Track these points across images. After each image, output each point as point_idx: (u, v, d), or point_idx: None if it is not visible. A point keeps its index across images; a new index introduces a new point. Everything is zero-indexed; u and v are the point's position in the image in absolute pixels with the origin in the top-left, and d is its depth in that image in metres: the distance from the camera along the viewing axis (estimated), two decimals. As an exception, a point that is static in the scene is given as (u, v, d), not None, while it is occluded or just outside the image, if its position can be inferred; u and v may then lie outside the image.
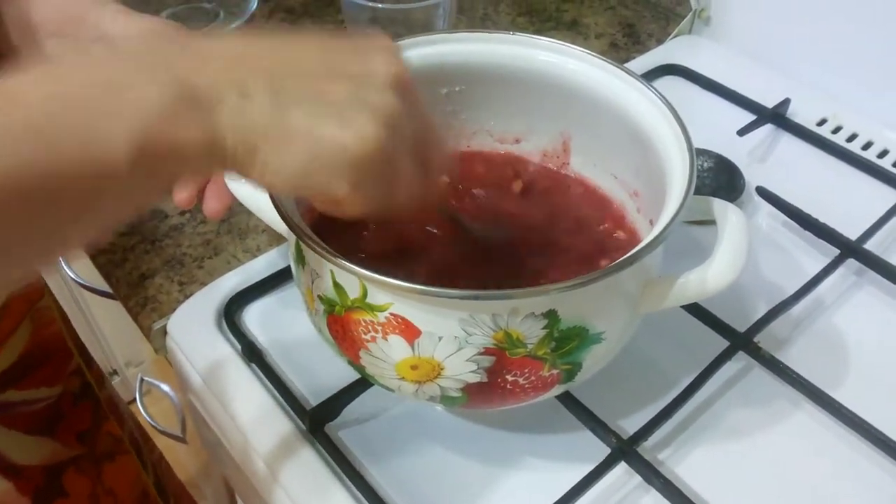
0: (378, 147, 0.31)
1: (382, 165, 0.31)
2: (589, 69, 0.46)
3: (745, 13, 0.76)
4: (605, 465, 0.44)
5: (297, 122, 0.30)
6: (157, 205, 0.63)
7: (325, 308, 0.40)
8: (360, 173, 0.31)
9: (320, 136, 0.30)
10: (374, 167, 0.31)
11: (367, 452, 0.46)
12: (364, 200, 0.32)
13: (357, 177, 0.31)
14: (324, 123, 0.30)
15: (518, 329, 0.37)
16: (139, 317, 0.56)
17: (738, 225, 0.40)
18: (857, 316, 0.54)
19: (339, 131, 0.30)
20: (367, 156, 0.30)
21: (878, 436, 0.46)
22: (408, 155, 0.33)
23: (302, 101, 0.30)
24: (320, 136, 0.30)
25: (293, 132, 0.30)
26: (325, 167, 0.30)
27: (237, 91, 0.29)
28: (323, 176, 0.31)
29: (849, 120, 0.68)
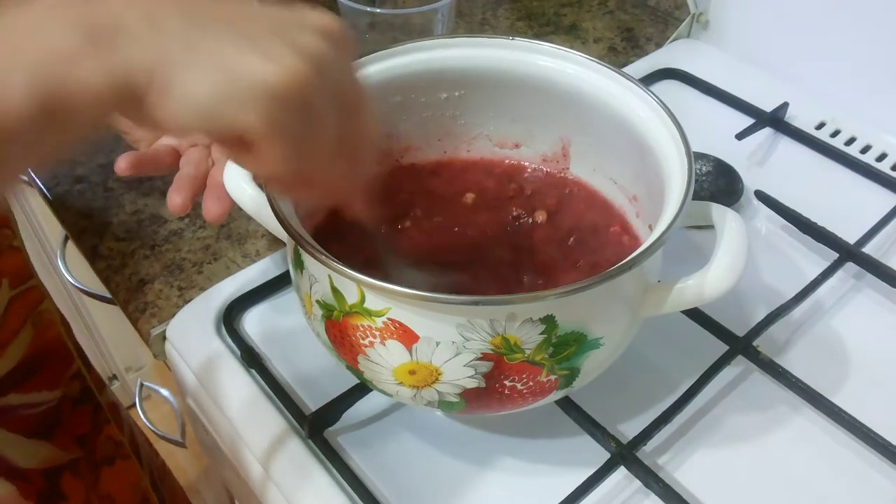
0: (300, 82, 0.28)
1: (303, 106, 0.28)
2: (588, 74, 0.47)
3: (743, 17, 0.76)
4: (604, 469, 0.44)
5: (214, 51, 0.27)
6: (157, 210, 0.63)
7: (324, 313, 0.40)
8: (278, 110, 0.28)
9: (235, 62, 0.27)
10: (294, 105, 0.28)
11: (366, 457, 0.46)
12: (279, 146, 0.29)
13: (274, 113, 0.28)
14: (241, 51, 0.27)
15: (516, 334, 0.37)
16: (138, 322, 0.56)
17: (736, 231, 0.40)
18: (856, 319, 0.54)
19: (256, 60, 0.27)
20: (286, 89, 0.27)
21: (877, 439, 0.46)
22: (331, 108, 0.30)
23: (221, 34, 0.28)
24: (235, 63, 0.27)
25: (204, 58, 0.27)
26: (238, 98, 0.27)
27: (148, 23, 0.27)
28: (235, 108, 0.27)
29: (847, 123, 0.68)
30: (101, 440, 0.57)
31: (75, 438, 0.55)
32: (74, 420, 0.55)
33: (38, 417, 0.52)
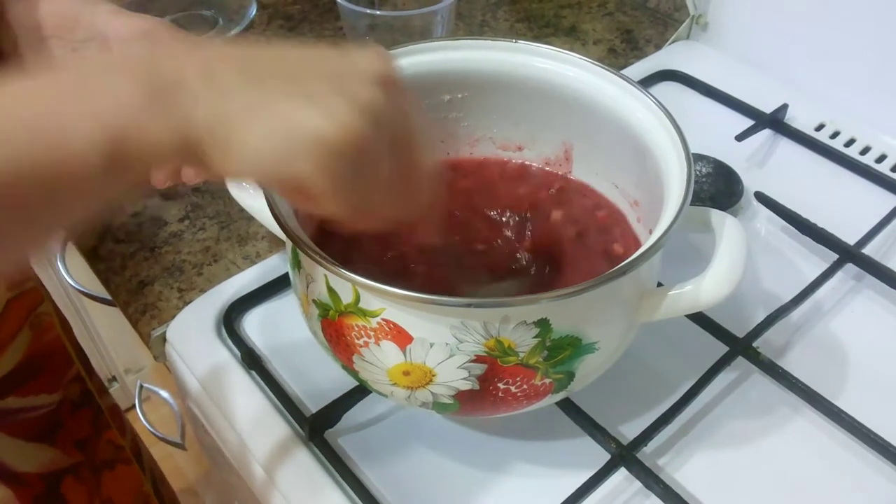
0: (356, 136, 0.29)
1: (359, 157, 0.30)
2: (588, 77, 0.47)
3: (742, 19, 0.76)
4: (604, 470, 0.44)
5: (270, 106, 0.28)
6: (157, 212, 0.63)
7: (320, 312, 0.40)
8: (335, 162, 0.29)
9: (294, 119, 0.28)
10: (351, 157, 0.29)
11: (366, 459, 0.46)
12: (338, 194, 0.30)
13: (331, 166, 0.29)
14: (299, 107, 0.29)
15: (509, 337, 0.37)
16: (139, 324, 0.56)
17: (735, 237, 0.40)
18: (856, 320, 0.54)
19: (314, 116, 0.28)
20: (344, 143, 0.29)
21: (877, 440, 0.46)
22: (388, 153, 0.31)
23: (278, 91, 0.29)
24: (294, 120, 0.28)
25: (265, 115, 0.28)
26: (297, 153, 0.28)
27: (209, 82, 0.28)
28: (294, 162, 0.29)
29: (846, 125, 0.68)
30: (101, 444, 0.57)
31: (76, 442, 0.55)
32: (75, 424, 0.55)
33: (38, 421, 0.51)
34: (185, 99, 0.28)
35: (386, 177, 0.32)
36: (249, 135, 0.28)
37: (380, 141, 0.30)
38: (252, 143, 0.28)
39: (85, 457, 0.55)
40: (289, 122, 0.28)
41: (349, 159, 0.29)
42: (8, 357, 0.48)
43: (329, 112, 0.29)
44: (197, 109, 0.28)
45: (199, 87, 0.28)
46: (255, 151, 0.28)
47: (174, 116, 0.28)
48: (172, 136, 0.28)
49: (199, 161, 0.29)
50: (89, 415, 0.56)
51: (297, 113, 0.29)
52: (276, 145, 0.28)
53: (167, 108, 0.27)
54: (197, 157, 0.29)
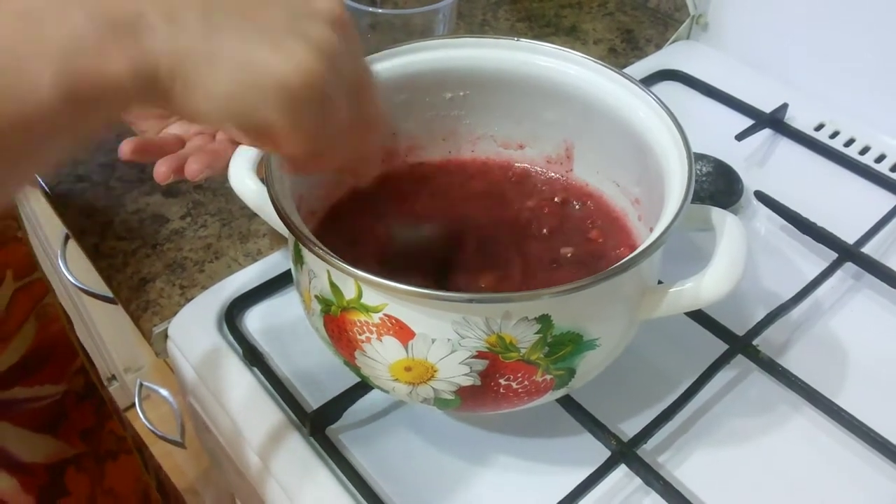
0: (314, 76, 0.29)
1: (318, 97, 0.30)
2: (590, 75, 0.47)
3: (742, 19, 0.76)
4: (605, 467, 0.44)
5: (229, 45, 0.29)
6: (159, 209, 0.63)
7: (322, 308, 0.40)
8: (294, 102, 0.29)
9: (253, 60, 0.29)
10: (309, 97, 0.30)
11: (368, 455, 0.47)
12: (297, 134, 0.31)
13: (290, 106, 0.30)
14: (258, 48, 0.29)
15: (511, 333, 0.37)
16: (140, 320, 0.56)
17: (736, 236, 0.40)
18: (855, 319, 0.54)
19: (273, 57, 0.29)
20: (302, 84, 0.29)
21: (876, 438, 0.46)
22: (344, 94, 0.32)
23: (235, 27, 0.29)
24: (253, 61, 0.29)
25: (225, 55, 0.28)
26: (256, 93, 0.29)
27: (165, 16, 0.28)
28: (254, 102, 0.29)
29: (846, 125, 0.69)
30: (104, 435, 0.57)
31: (80, 433, 0.55)
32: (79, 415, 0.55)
33: (43, 411, 0.52)
34: (144, 34, 0.27)
35: (343, 118, 0.32)
36: (211, 77, 0.28)
37: (336, 82, 0.31)
38: (213, 86, 0.29)
39: (89, 447, 0.55)
40: (250, 64, 0.29)
41: (309, 101, 0.30)
42: (14, 347, 0.49)
43: (289, 54, 0.29)
44: (156, 46, 0.28)
45: (158, 22, 0.28)
46: (216, 94, 0.29)
47: (133, 51, 0.27)
48: (131, 73, 0.27)
49: (160, 100, 0.29)
50: (93, 406, 0.57)
51: (258, 55, 0.29)
52: (238, 89, 0.29)
53: (125, 44, 0.27)
54: (157, 95, 0.28)
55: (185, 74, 0.28)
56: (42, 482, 0.51)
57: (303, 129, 0.31)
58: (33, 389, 0.50)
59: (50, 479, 0.52)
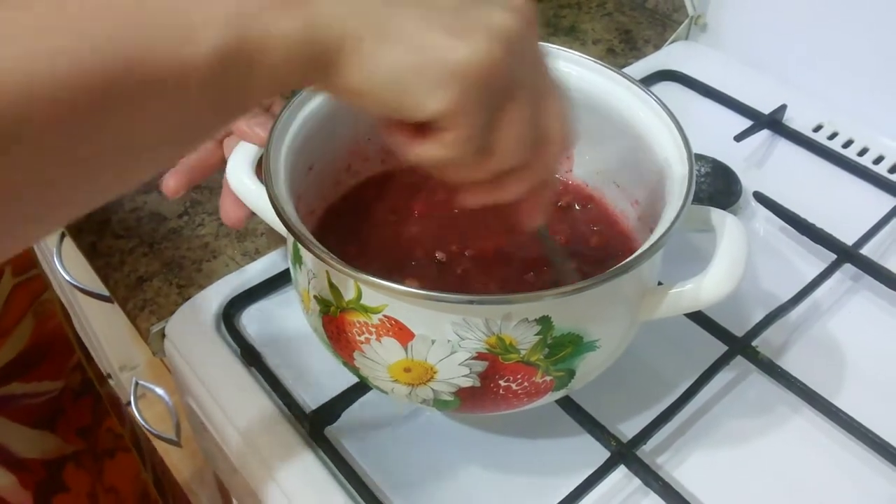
0: (491, 64, 0.26)
1: (496, 91, 0.27)
2: (590, 75, 0.47)
3: (741, 19, 0.76)
4: (604, 468, 0.44)
5: (405, 22, 0.26)
6: (156, 208, 0.63)
7: (321, 309, 0.40)
8: (471, 93, 0.27)
9: (430, 42, 0.26)
10: (487, 89, 0.27)
11: (366, 456, 0.46)
12: (465, 131, 0.28)
13: (460, 93, 0.26)
14: (436, 30, 0.26)
15: (511, 334, 0.37)
16: (137, 319, 0.56)
17: (736, 237, 0.40)
18: (854, 320, 0.54)
19: (452, 42, 0.26)
20: (478, 71, 0.26)
21: (874, 439, 0.46)
22: (524, 93, 0.28)
23: (412, 7, 0.27)
24: (430, 43, 0.26)
25: (399, 33, 0.26)
26: (432, 78, 0.26)
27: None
28: (428, 88, 0.26)
29: (844, 126, 0.69)
30: (102, 432, 0.57)
31: (77, 430, 0.54)
32: (76, 412, 0.55)
33: (41, 407, 0.51)
34: (316, 2, 0.26)
35: (518, 119, 0.29)
36: (380, 53, 0.26)
37: (517, 75, 0.28)
38: (384, 60, 0.26)
39: (86, 444, 0.55)
40: (428, 46, 0.26)
41: (486, 91, 0.27)
42: (12, 343, 0.48)
43: (466, 38, 0.27)
44: (329, 10, 0.26)
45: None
46: (386, 68, 0.26)
47: (304, 18, 0.25)
48: (300, 39, 0.25)
49: (320, 72, 0.27)
50: (90, 403, 0.56)
51: (438, 38, 0.26)
52: (410, 66, 0.26)
53: (296, 9, 0.25)
54: (321, 66, 0.26)
55: (354, 47, 0.26)
56: (39, 478, 0.51)
57: (472, 122, 0.28)
58: (31, 385, 0.50)
59: (48, 476, 0.51)
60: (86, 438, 0.55)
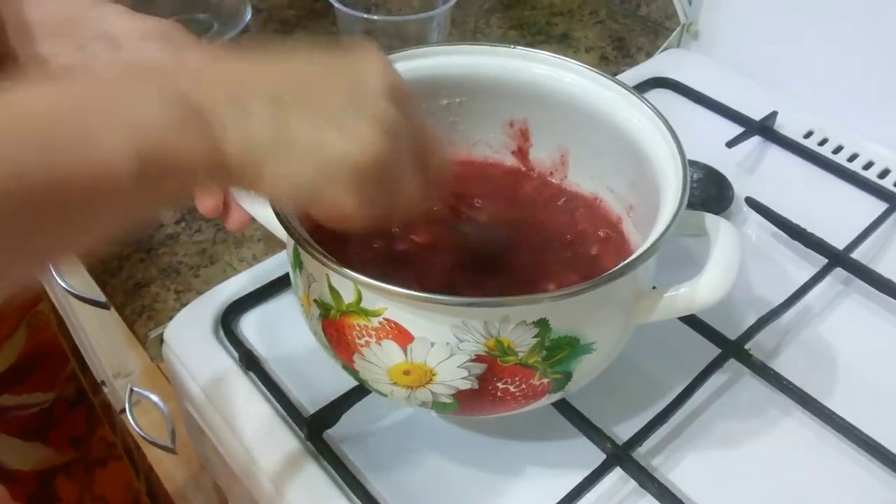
0: (380, 156, 0.31)
1: (385, 174, 0.32)
2: (584, 82, 0.47)
3: (732, 28, 0.77)
4: (600, 470, 0.45)
5: (299, 134, 0.30)
6: (153, 214, 0.63)
7: (321, 312, 0.41)
8: (365, 183, 0.31)
9: (321, 144, 0.30)
10: (378, 176, 0.31)
11: (365, 459, 0.47)
12: (369, 211, 0.33)
13: (362, 187, 0.31)
14: (324, 132, 0.30)
15: (509, 337, 0.37)
16: (135, 325, 0.56)
17: (729, 241, 0.40)
18: (845, 323, 0.55)
19: (340, 140, 0.30)
20: (371, 165, 0.31)
21: (866, 441, 0.46)
22: (408, 162, 0.34)
23: (301, 115, 0.30)
24: (321, 145, 0.30)
25: (297, 145, 0.30)
26: (326, 176, 0.31)
27: (237, 108, 0.29)
28: (324, 184, 0.31)
29: (834, 132, 0.70)
30: (94, 441, 0.57)
31: (70, 440, 0.55)
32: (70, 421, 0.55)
33: (31, 419, 0.52)
34: (215, 123, 0.29)
35: (409, 183, 0.34)
36: (282, 162, 0.30)
37: (400, 154, 0.33)
38: (283, 172, 0.30)
39: (78, 454, 0.55)
40: (318, 148, 0.30)
41: (376, 179, 0.32)
42: (4, 355, 0.49)
43: (355, 137, 0.31)
44: (226, 134, 0.29)
45: (227, 112, 0.29)
46: (286, 179, 0.30)
47: (205, 139, 0.28)
48: (203, 157, 0.29)
49: (230, 181, 0.30)
50: (83, 413, 0.56)
51: (326, 139, 0.30)
52: (307, 172, 0.30)
53: (197, 131, 0.28)
54: (229, 177, 0.30)
55: (256, 162, 0.30)
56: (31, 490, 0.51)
57: (370, 206, 0.32)
58: (22, 397, 0.51)
59: (39, 487, 0.52)
60: (78, 448, 0.56)
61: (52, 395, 0.53)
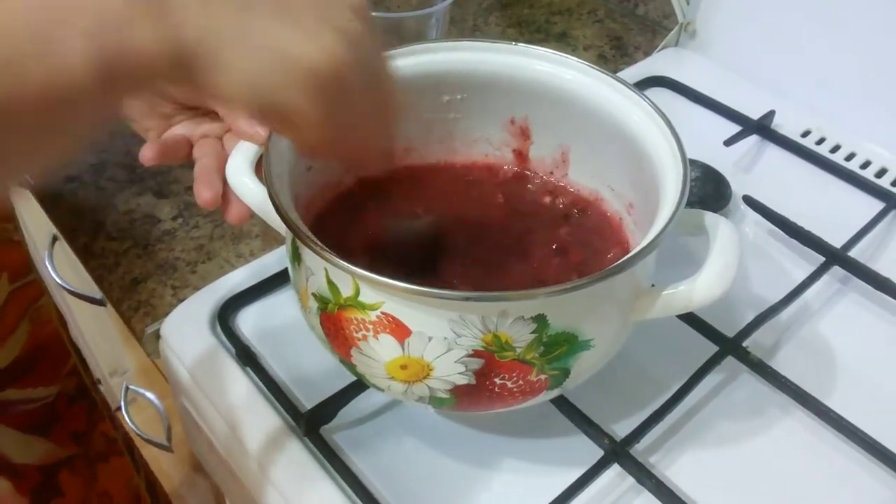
0: (341, 64, 0.30)
1: (343, 85, 0.31)
2: (585, 80, 0.47)
3: (730, 27, 0.77)
4: (598, 466, 0.45)
5: (261, 28, 0.29)
6: (150, 210, 0.63)
7: (319, 306, 0.41)
8: (321, 88, 0.30)
9: (284, 44, 0.29)
10: (336, 84, 0.30)
11: (362, 455, 0.47)
12: (320, 122, 0.32)
13: (317, 91, 0.30)
14: (287, 32, 0.29)
15: (507, 332, 0.37)
16: (132, 321, 0.56)
17: (728, 240, 0.40)
18: (843, 321, 0.55)
19: (304, 42, 0.30)
20: (331, 70, 0.30)
21: (863, 438, 0.47)
22: (365, 82, 0.33)
23: (265, 9, 0.29)
24: (284, 45, 0.29)
25: (257, 38, 0.29)
26: (283, 75, 0.30)
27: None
28: (280, 85, 0.30)
29: (832, 131, 0.70)
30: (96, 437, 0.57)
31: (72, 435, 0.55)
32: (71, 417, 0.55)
33: (35, 413, 0.51)
34: (176, 11, 0.28)
35: (364, 106, 0.33)
36: (240, 56, 0.29)
37: (361, 71, 0.32)
38: (242, 65, 0.29)
39: (80, 449, 0.55)
40: (278, 46, 0.29)
41: (335, 87, 0.31)
42: (7, 350, 0.48)
43: (318, 40, 0.30)
44: (187, 23, 0.28)
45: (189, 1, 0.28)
46: (244, 73, 0.29)
47: (163, 28, 0.28)
48: (162, 49, 0.28)
49: (187, 78, 0.29)
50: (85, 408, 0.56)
51: (287, 38, 0.29)
52: (265, 70, 0.29)
53: (156, 20, 0.27)
54: (186, 72, 0.29)
55: (213, 52, 0.28)
56: (35, 483, 0.51)
57: (324, 114, 0.31)
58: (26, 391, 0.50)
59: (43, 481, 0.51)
60: (80, 443, 0.56)
61: (55, 389, 0.53)
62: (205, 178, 0.48)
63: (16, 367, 0.49)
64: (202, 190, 0.47)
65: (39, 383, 0.51)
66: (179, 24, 0.28)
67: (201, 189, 0.47)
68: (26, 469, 0.50)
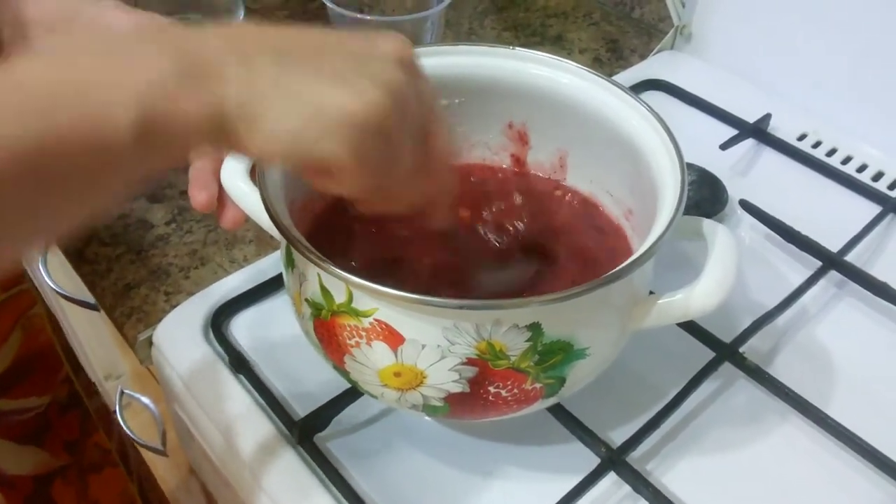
0: (381, 113, 0.30)
1: (384, 135, 0.30)
2: (583, 84, 0.47)
3: (726, 30, 0.77)
4: (594, 474, 0.44)
5: (297, 85, 0.29)
6: (143, 215, 0.63)
7: (312, 312, 0.40)
8: (361, 140, 0.30)
9: (321, 97, 0.29)
10: (376, 135, 0.30)
11: (356, 463, 0.46)
12: (361, 173, 0.31)
13: (357, 143, 0.30)
14: (327, 88, 0.29)
15: (501, 340, 0.37)
16: (124, 327, 0.55)
17: (726, 247, 0.40)
18: (840, 326, 0.55)
19: (341, 94, 0.29)
20: (370, 120, 0.30)
21: (861, 444, 0.46)
22: (411, 135, 0.32)
23: (304, 70, 0.30)
24: (321, 98, 0.29)
25: (292, 94, 0.29)
26: (321, 126, 0.29)
27: (240, 61, 0.29)
28: (321, 140, 0.29)
29: (828, 135, 0.70)
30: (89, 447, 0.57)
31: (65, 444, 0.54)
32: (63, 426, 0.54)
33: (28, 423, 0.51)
34: (217, 75, 0.28)
35: (408, 158, 0.33)
36: (279, 113, 0.29)
37: (403, 121, 0.31)
38: (282, 121, 0.29)
39: (73, 459, 0.54)
40: (317, 101, 0.29)
41: (374, 137, 0.30)
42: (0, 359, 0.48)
43: (356, 91, 0.30)
44: (229, 87, 0.28)
45: (230, 64, 0.28)
46: (284, 129, 0.29)
47: (206, 92, 0.28)
48: (203, 112, 0.28)
49: (227, 139, 0.29)
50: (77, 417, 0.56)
51: (326, 92, 0.29)
52: (303, 122, 0.29)
53: (199, 84, 0.28)
54: (226, 134, 0.29)
55: (253, 114, 0.29)
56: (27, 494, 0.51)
57: (366, 166, 0.31)
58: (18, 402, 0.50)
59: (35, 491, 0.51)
60: (72, 453, 0.55)
61: (48, 398, 0.53)
62: (200, 181, 0.47)
63: (8, 377, 0.49)
64: (197, 192, 0.46)
65: (32, 393, 0.51)
66: (220, 89, 0.28)
67: (196, 192, 0.46)
68: (19, 480, 0.50)
